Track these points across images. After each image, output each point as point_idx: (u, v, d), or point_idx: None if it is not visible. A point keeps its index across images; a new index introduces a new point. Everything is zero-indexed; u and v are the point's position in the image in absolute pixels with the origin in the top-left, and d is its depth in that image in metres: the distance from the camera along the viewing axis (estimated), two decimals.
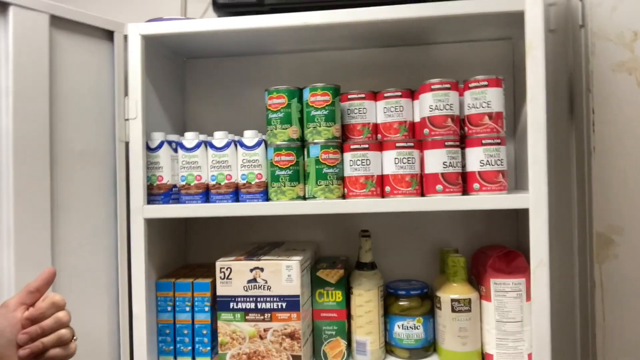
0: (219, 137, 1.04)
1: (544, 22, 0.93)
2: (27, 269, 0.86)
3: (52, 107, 0.93)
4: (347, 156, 1.00)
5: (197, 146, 1.04)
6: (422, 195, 0.99)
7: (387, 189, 0.99)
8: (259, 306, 0.98)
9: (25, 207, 0.87)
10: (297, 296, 0.97)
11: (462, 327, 1.00)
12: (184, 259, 1.26)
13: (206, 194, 1.04)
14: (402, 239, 1.20)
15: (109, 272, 1.01)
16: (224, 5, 1.03)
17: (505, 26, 1.06)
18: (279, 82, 1.05)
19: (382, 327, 1.05)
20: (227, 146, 1.03)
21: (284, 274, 0.98)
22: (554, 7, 1.15)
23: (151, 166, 1.04)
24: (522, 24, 0.94)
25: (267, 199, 1.02)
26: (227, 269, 0.99)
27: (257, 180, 1.02)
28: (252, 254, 1.04)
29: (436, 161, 0.97)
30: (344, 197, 1.01)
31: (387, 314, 1.06)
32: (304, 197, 1.02)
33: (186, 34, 1.03)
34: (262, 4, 1.02)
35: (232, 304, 0.99)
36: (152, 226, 1.05)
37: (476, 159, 0.97)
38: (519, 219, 1.13)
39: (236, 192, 1.03)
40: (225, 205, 1.02)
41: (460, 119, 1.00)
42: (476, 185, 0.97)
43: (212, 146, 1.04)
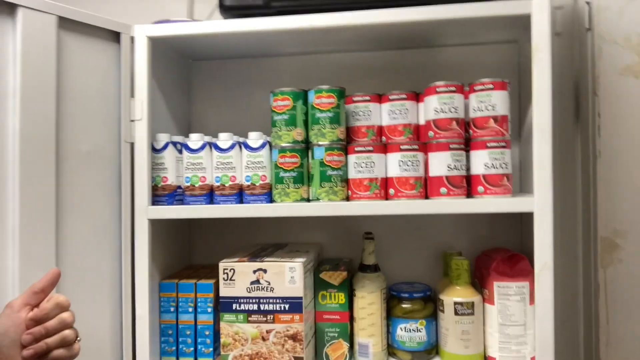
0: (224, 139, 1.04)
1: (550, 25, 0.93)
2: (32, 269, 0.87)
3: (59, 107, 0.93)
4: (352, 158, 1.00)
5: (202, 147, 1.04)
6: (426, 197, 0.99)
7: (391, 191, 0.99)
8: (262, 307, 0.98)
9: (31, 207, 0.88)
10: (300, 298, 0.97)
11: (464, 330, 1.00)
12: (188, 259, 1.26)
13: (210, 195, 1.04)
14: (406, 241, 1.20)
15: (113, 273, 1.02)
16: (231, 7, 1.03)
17: (511, 29, 1.06)
18: (284, 84, 1.05)
19: (384, 329, 1.05)
20: (231, 148, 1.03)
21: (287, 276, 0.98)
22: (561, 10, 1.15)
23: (156, 167, 1.04)
24: (528, 27, 0.94)
25: (271, 201, 1.02)
26: (230, 270, 0.99)
27: (261, 182, 1.02)
28: (256, 256, 1.04)
29: (441, 164, 0.97)
30: (347, 199, 1.01)
31: (390, 316, 1.06)
32: (307, 199, 1.02)
33: (193, 35, 1.04)
34: (269, 7, 1.02)
35: (234, 305, 0.99)
36: (156, 227, 1.05)
37: (481, 162, 0.96)
38: (523, 222, 1.13)
39: (240, 194, 1.04)
40: (229, 206, 1.02)
41: (465, 122, 1.00)
42: (481, 188, 0.96)
43: (217, 147, 1.04)
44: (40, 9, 0.90)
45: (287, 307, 0.98)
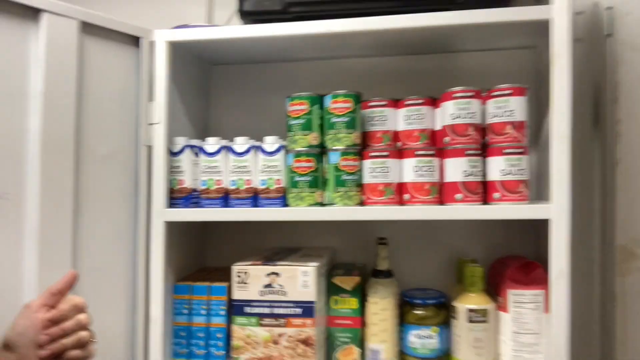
0: (240, 143, 1.05)
1: (571, 31, 0.91)
2: (50, 271, 0.88)
3: (79, 110, 0.95)
4: (367, 163, 1.00)
5: (218, 151, 1.05)
6: (441, 203, 0.99)
7: (406, 196, 0.99)
8: (274, 311, 0.98)
9: (50, 209, 0.89)
10: (312, 302, 0.97)
11: (477, 338, 0.99)
12: (202, 262, 1.27)
13: (226, 198, 1.05)
14: (419, 247, 1.19)
15: (128, 274, 1.03)
16: (250, 12, 1.04)
17: (530, 35, 1.05)
18: (300, 89, 1.06)
19: (396, 335, 1.05)
20: (247, 152, 1.04)
21: (300, 280, 0.98)
22: (581, 16, 1.13)
23: (173, 170, 1.05)
24: (547, 32, 0.92)
25: (286, 205, 1.03)
26: (243, 273, 1.00)
27: (276, 185, 1.03)
28: (269, 259, 1.05)
29: (456, 169, 0.96)
30: (362, 204, 1.01)
31: (403, 322, 1.06)
32: (322, 204, 1.02)
33: (212, 40, 1.05)
34: (287, 12, 1.03)
35: (247, 309, 0.99)
36: (172, 229, 1.06)
37: (498, 168, 0.96)
38: (538, 229, 1.11)
39: (255, 197, 1.04)
40: (244, 210, 1.02)
41: (482, 128, 0.99)
42: (497, 194, 0.96)
43: (233, 151, 1.05)
44: (63, 13, 0.92)
45: (299, 311, 0.98)
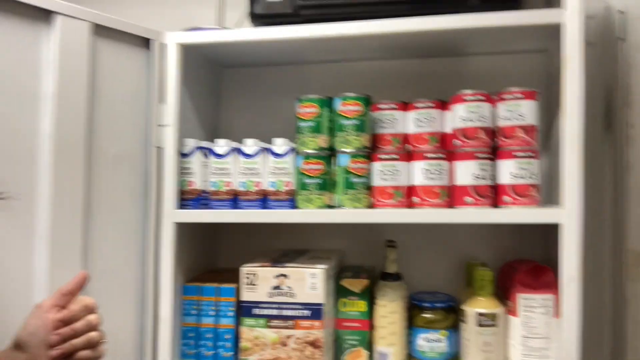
0: (250, 145, 1.05)
1: (582, 34, 0.91)
2: (61, 271, 0.88)
3: (90, 111, 0.95)
4: (376, 166, 1.00)
5: (228, 153, 1.05)
6: (451, 206, 0.98)
7: (416, 199, 0.99)
8: (283, 313, 0.98)
9: (61, 210, 0.90)
10: (320, 304, 0.97)
11: (486, 342, 0.99)
12: (211, 263, 1.27)
13: (235, 200, 1.05)
14: (429, 250, 1.19)
15: (137, 274, 1.04)
16: (261, 15, 1.05)
17: (541, 38, 1.04)
18: (310, 91, 1.06)
19: (405, 339, 1.04)
20: (257, 154, 1.04)
21: (309, 282, 0.98)
22: (593, 20, 1.12)
23: (183, 171, 1.06)
24: (559, 36, 0.92)
25: (295, 207, 1.03)
26: (252, 275, 1.00)
27: (286, 188, 1.03)
28: (278, 261, 1.05)
29: (467, 173, 0.96)
30: (371, 206, 1.01)
31: (411, 325, 1.05)
32: (331, 206, 1.02)
33: (223, 43, 1.05)
34: (298, 15, 1.03)
35: (255, 310, 0.99)
36: (181, 230, 1.07)
37: (508, 171, 0.95)
38: (548, 233, 1.11)
39: (264, 199, 1.04)
40: (253, 211, 1.03)
41: (492, 131, 0.99)
42: (507, 198, 0.95)
43: (243, 153, 1.05)
44: (76, 15, 0.93)
45: (307, 313, 0.98)
